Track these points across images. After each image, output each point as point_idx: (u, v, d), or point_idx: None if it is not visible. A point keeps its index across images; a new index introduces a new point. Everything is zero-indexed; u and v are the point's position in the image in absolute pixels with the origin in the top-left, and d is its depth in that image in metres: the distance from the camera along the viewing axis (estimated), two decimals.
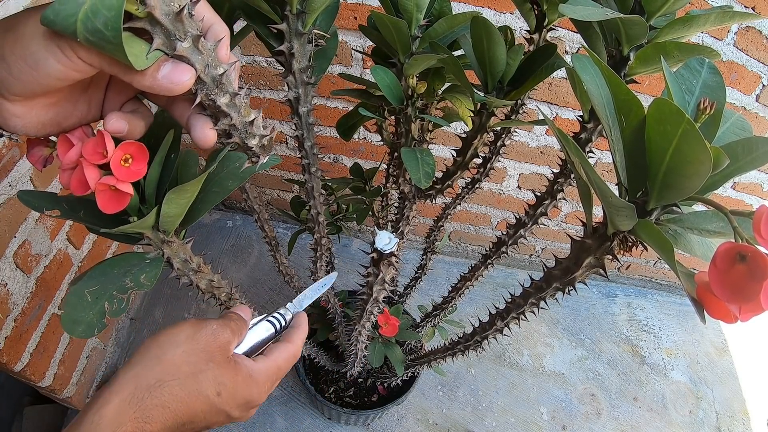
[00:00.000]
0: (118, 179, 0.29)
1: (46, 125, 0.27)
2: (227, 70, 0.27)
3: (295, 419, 1.15)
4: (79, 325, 0.34)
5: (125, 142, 0.29)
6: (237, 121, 0.30)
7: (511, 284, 1.49)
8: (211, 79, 0.27)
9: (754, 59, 0.99)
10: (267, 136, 0.33)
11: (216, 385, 0.34)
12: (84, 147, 0.28)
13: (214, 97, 0.28)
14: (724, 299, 0.25)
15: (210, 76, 0.27)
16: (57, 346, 0.96)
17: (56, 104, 0.27)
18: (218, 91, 0.27)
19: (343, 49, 1.05)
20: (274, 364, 0.39)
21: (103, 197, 0.29)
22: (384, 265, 0.58)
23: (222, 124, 0.29)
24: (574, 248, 0.41)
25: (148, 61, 0.24)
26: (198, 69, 0.26)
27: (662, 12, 0.40)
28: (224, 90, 0.28)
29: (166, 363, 0.33)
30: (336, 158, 1.32)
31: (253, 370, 0.37)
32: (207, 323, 0.36)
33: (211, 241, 1.46)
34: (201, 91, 0.27)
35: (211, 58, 0.26)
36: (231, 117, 0.29)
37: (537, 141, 1.20)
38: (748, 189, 1.28)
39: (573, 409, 1.27)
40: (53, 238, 0.91)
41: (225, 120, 0.29)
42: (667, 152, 0.27)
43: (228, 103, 0.28)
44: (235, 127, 0.30)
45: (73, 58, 0.23)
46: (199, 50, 0.25)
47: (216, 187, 0.39)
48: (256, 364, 0.38)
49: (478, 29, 0.44)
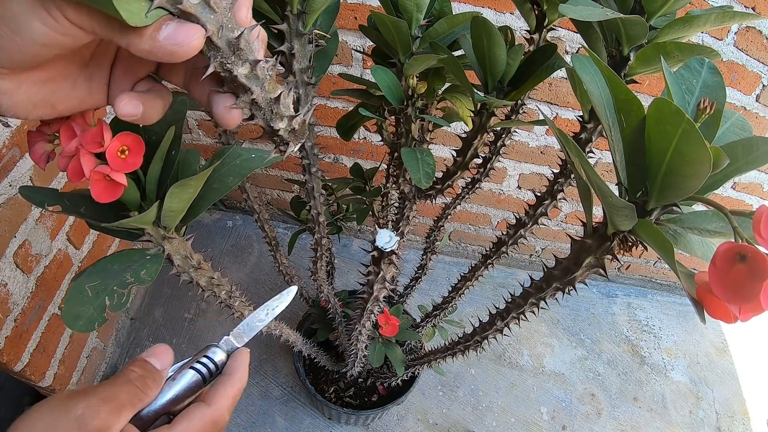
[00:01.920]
0: (112, 169, 0.29)
1: (38, 105, 0.24)
2: (245, 32, 0.23)
3: (295, 419, 1.15)
4: (80, 319, 0.34)
5: (122, 133, 0.29)
6: (259, 97, 0.25)
7: (511, 284, 1.49)
8: (226, 44, 0.22)
9: (754, 59, 0.99)
10: (298, 117, 0.28)
11: None
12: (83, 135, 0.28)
13: (231, 66, 0.23)
14: (724, 299, 0.25)
15: (225, 40, 0.22)
16: (57, 346, 0.96)
17: (50, 81, 0.24)
18: (235, 58, 0.23)
19: (344, 49, 1.05)
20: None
21: (97, 186, 0.29)
22: (385, 264, 0.58)
23: (241, 101, 0.25)
24: (574, 248, 0.41)
25: (148, 20, 0.20)
26: (209, 30, 0.21)
27: (662, 12, 0.40)
28: (243, 57, 0.23)
29: None
30: (336, 158, 1.32)
31: None
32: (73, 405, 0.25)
33: (211, 241, 1.46)
34: (215, 59, 0.23)
35: (227, 19, 0.22)
36: (252, 92, 0.25)
37: (537, 141, 1.20)
38: (748, 189, 1.28)
39: (573, 409, 1.27)
40: (53, 238, 0.91)
41: (245, 96, 0.25)
42: (667, 152, 0.27)
43: (248, 74, 0.24)
44: (258, 106, 0.26)
45: (60, 20, 0.20)
46: (210, 7, 0.21)
47: (217, 184, 0.39)
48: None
49: (479, 29, 0.44)
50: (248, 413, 1.15)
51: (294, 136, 0.28)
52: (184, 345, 1.23)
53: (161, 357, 0.30)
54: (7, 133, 0.76)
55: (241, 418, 1.14)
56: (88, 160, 0.29)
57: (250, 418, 1.14)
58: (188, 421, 0.29)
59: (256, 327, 0.35)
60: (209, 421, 0.29)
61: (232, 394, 0.31)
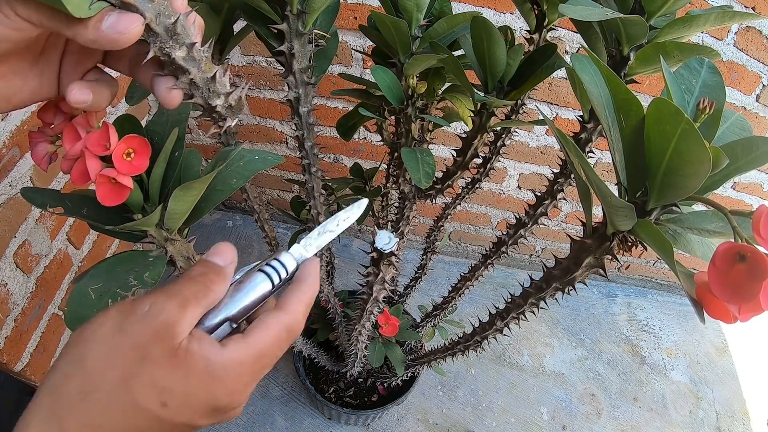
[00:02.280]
0: (119, 172, 0.29)
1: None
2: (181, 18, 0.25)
3: (295, 419, 1.15)
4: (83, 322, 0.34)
5: (128, 135, 0.29)
6: (197, 77, 0.27)
7: (511, 284, 1.49)
8: (164, 29, 0.25)
9: (754, 59, 0.99)
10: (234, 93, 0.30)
11: (158, 393, 0.24)
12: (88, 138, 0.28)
13: (169, 50, 0.25)
14: (723, 299, 0.25)
15: (162, 26, 0.24)
16: (57, 346, 0.96)
17: (3, 77, 0.26)
18: (173, 43, 0.25)
19: (344, 49, 1.05)
20: (253, 350, 0.26)
21: (103, 189, 0.29)
22: (384, 265, 0.58)
23: (181, 82, 0.27)
24: (574, 248, 0.41)
25: (91, 12, 0.22)
26: (147, 17, 0.24)
27: (662, 12, 0.40)
28: (179, 41, 0.25)
29: (88, 368, 0.24)
30: (336, 158, 1.32)
31: (213, 363, 0.25)
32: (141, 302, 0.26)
33: (211, 241, 1.45)
34: (154, 44, 0.25)
35: (163, 7, 0.24)
36: (189, 72, 0.27)
37: (537, 141, 1.20)
38: (748, 189, 1.28)
39: (573, 409, 1.27)
40: (53, 238, 0.91)
41: (184, 77, 0.27)
42: (667, 152, 0.27)
43: (185, 56, 0.26)
44: (196, 85, 0.28)
45: (10, 16, 0.22)
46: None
47: (220, 186, 0.39)
48: (221, 353, 0.26)
49: (479, 29, 0.44)
50: (248, 413, 1.15)
51: (231, 111, 0.30)
52: None
53: (223, 254, 0.29)
54: (7, 133, 0.76)
55: (240, 417, 1.14)
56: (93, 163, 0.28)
57: (250, 418, 1.14)
58: (264, 329, 0.27)
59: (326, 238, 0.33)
60: (285, 327, 0.28)
61: (305, 300, 0.29)
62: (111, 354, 0.25)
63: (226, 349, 0.26)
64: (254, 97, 1.19)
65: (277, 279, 0.29)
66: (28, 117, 0.80)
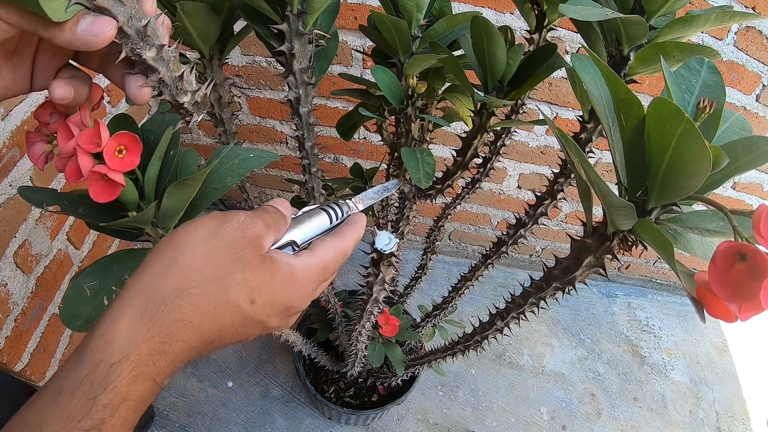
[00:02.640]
0: (110, 168, 0.29)
1: None
2: (151, 21, 0.27)
3: (295, 419, 1.15)
4: (78, 318, 0.34)
5: (120, 132, 0.30)
6: (165, 75, 0.29)
7: (511, 284, 1.49)
8: (135, 32, 0.26)
9: (755, 59, 0.99)
10: (199, 91, 0.32)
11: (248, 291, 0.28)
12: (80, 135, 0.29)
13: (140, 51, 0.27)
14: (723, 298, 0.25)
15: (134, 29, 0.26)
16: (57, 346, 0.96)
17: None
18: (143, 44, 0.27)
19: (344, 49, 1.05)
20: (320, 262, 0.32)
21: (95, 186, 0.30)
22: (384, 266, 0.58)
23: (151, 80, 0.29)
24: (574, 248, 0.41)
25: (68, 15, 0.24)
26: (120, 21, 0.25)
27: (662, 12, 0.40)
28: (150, 43, 0.27)
29: (184, 267, 0.27)
30: (336, 158, 1.32)
31: (294, 268, 0.30)
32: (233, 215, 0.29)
33: None
34: (126, 45, 0.27)
35: (135, 10, 0.26)
36: (159, 71, 0.29)
37: (537, 141, 1.20)
38: (748, 189, 1.28)
39: (573, 409, 1.27)
40: (53, 238, 0.91)
41: (153, 75, 0.29)
42: (667, 152, 0.27)
43: (155, 57, 0.28)
44: (165, 83, 0.30)
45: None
46: (120, 1, 0.25)
47: (216, 183, 0.39)
48: (298, 261, 0.31)
49: (478, 29, 0.44)
50: (248, 413, 1.15)
51: (197, 107, 0.32)
52: None
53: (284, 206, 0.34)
54: (7, 133, 0.76)
55: (241, 418, 1.14)
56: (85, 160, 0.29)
57: (250, 418, 1.14)
58: (328, 247, 0.33)
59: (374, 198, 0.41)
60: (341, 251, 0.33)
61: (356, 236, 0.35)
62: (208, 255, 0.27)
63: (300, 259, 0.31)
64: (254, 97, 1.19)
65: (335, 218, 0.36)
66: (28, 117, 0.80)
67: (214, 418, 1.13)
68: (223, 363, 1.22)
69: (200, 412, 1.13)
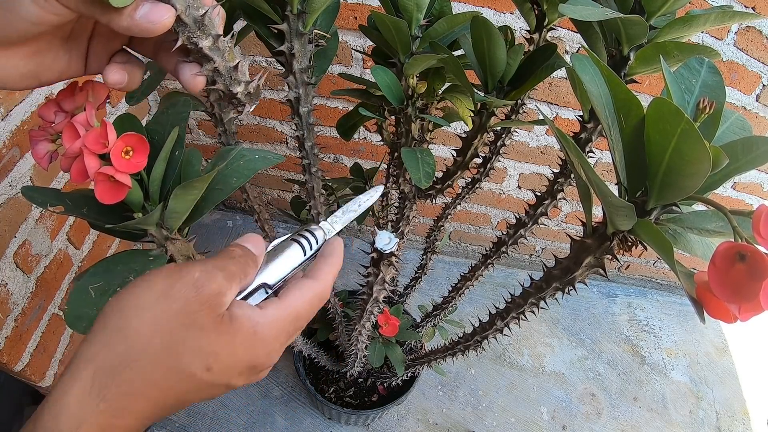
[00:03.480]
0: (117, 170, 0.29)
1: (25, 77, 0.27)
2: (209, 11, 0.27)
3: (295, 419, 1.15)
4: (83, 320, 0.34)
5: (127, 133, 0.29)
6: (221, 65, 0.29)
7: (511, 284, 1.49)
8: (192, 20, 0.26)
9: (755, 59, 0.99)
10: (253, 82, 0.32)
11: (203, 358, 0.25)
12: (86, 136, 0.28)
13: (196, 40, 0.27)
14: (723, 299, 0.25)
15: (191, 17, 0.26)
16: (57, 346, 0.96)
17: (35, 54, 0.27)
18: (200, 33, 0.27)
19: (344, 49, 1.05)
20: (290, 312, 0.29)
21: (101, 187, 0.29)
22: (384, 265, 0.58)
23: (205, 69, 0.29)
24: (574, 248, 0.41)
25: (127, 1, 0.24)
26: (178, 9, 0.25)
27: (662, 12, 0.40)
28: (206, 32, 0.27)
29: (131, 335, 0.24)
30: (336, 158, 1.32)
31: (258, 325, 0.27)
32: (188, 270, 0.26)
33: (211, 241, 1.46)
34: (182, 33, 0.27)
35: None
36: (214, 61, 0.29)
37: (537, 141, 1.20)
38: (748, 189, 1.28)
39: (573, 409, 1.27)
40: (53, 238, 0.91)
41: (208, 65, 0.29)
42: (667, 152, 0.27)
43: (211, 46, 0.28)
44: (219, 73, 0.30)
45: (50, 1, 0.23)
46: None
47: (220, 185, 0.39)
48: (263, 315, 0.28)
49: (478, 29, 0.44)
50: (248, 413, 1.15)
51: (250, 98, 0.32)
52: None
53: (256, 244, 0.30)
54: (8, 133, 0.76)
55: (241, 418, 1.14)
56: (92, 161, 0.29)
57: (250, 418, 1.14)
58: (299, 293, 0.29)
59: (349, 217, 0.37)
60: (317, 294, 0.30)
61: (333, 272, 0.32)
62: (157, 320, 0.25)
63: (266, 311, 0.28)
64: None
65: (309, 250, 0.32)
66: (28, 117, 0.80)
67: (214, 418, 1.13)
68: None
69: (200, 412, 1.13)
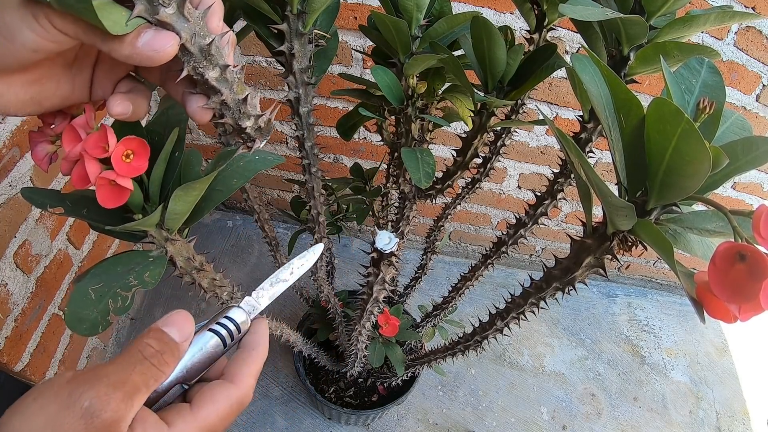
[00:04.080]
0: (118, 174, 0.28)
1: (26, 104, 0.26)
2: (216, 40, 0.25)
3: (295, 419, 1.15)
4: (84, 322, 0.34)
5: (127, 137, 0.29)
6: (228, 98, 0.27)
7: (511, 284, 1.49)
8: (198, 50, 0.25)
9: (755, 59, 0.99)
10: (264, 116, 0.30)
11: None
12: (86, 140, 0.28)
13: (203, 71, 0.25)
14: (723, 299, 0.25)
15: (197, 46, 0.25)
16: (57, 346, 0.96)
17: (37, 81, 0.26)
18: (207, 63, 0.25)
19: (344, 49, 1.05)
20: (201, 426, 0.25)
21: (102, 192, 0.29)
22: (384, 265, 0.58)
23: (212, 101, 0.27)
24: (574, 248, 0.41)
25: (128, 28, 0.22)
26: (183, 37, 0.24)
27: (662, 12, 0.40)
28: (213, 62, 0.26)
29: None
30: (336, 158, 1.32)
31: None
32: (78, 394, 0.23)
33: (211, 241, 1.46)
34: (188, 63, 0.25)
35: (199, 27, 0.24)
36: (222, 93, 0.27)
37: (537, 141, 1.20)
38: (748, 189, 1.28)
39: (573, 409, 1.27)
40: (53, 238, 0.91)
41: (215, 97, 0.27)
42: (667, 152, 0.27)
43: (218, 77, 0.26)
44: (227, 106, 0.28)
45: (47, 27, 0.22)
46: (185, 17, 0.23)
47: (221, 186, 0.38)
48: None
49: (478, 29, 0.44)
50: (248, 413, 1.15)
51: (260, 133, 0.30)
52: None
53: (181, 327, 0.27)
54: (7, 133, 0.76)
55: (241, 418, 1.14)
56: (93, 166, 0.28)
57: (250, 418, 1.14)
58: (214, 403, 0.26)
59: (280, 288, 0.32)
60: (236, 401, 0.27)
61: (255, 372, 0.28)
62: None
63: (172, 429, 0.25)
64: None
65: (229, 339, 0.29)
66: (28, 117, 0.80)
67: None
68: None
69: None
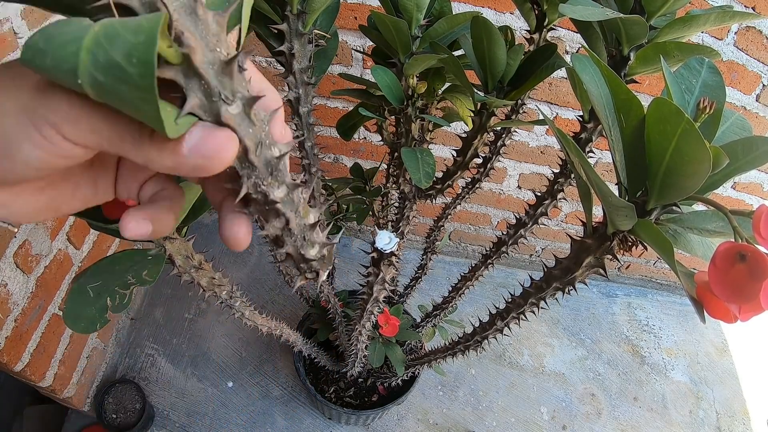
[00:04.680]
0: None
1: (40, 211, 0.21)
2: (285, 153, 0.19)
3: (295, 419, 1.15)
4: (82, 320, 0.34)
5: None
6: (294, 223, 0.21)
7: (511, 284, 1.49)
8: (264, 163, 0.19)
9: (755, 59, 0.99)
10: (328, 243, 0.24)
11: None
12: None
13: (266, 189, 0.19)
14: (723, 299, 0.25)
15: (263, 158, 0.18)
16: (57, 346, 0.96)
17: (50, 187, 0.20)
18: (272, 180, 0.19)
19: (344, 49, 1.05)
20: None
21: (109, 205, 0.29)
22: (384, 265, 0.58)
23: (272, 227, 0.21)
24: (574, 248, 0.41)
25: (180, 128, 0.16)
26: (248, 145, 0.18)
27: (662, 12, 0.40)
28: (280, 179, 0.20)
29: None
30: (336, 158, 1.32)
31: None
32: None
33: (211, 241, 1.46)
34: (249, 177, 0.19)
35: (265, 134, 0.18)
36: (286, 218, 0.21)
37: (537, 141, 1.20)
38: (748, 189, 1.28)
39: (573, 409, 1.27)
40: (53, 238, 0.91)
41: (277, 222, 0.21)
42: (667, 152, 0.27)
43: (284, 197, 0.20)
44: (291, 232, 0.22)
45: (55, 140, 0.16)
46: (251, 120, 0.17)
47: None
48: None
49: (479, 29, 0.44)
50: (248, 413, 1.15)
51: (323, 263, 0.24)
52: (184, 345, 1.23)
53: None
54: None
55: (241, 418, 1.14)
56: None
57: (250, 418, 1.14)
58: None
59: None
60: None
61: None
62: None
63: None
64: None
65: None
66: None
67: (214, 418, 1.13)
68: (224, 363, 1.22)
69: (200, 412, 1.13)
